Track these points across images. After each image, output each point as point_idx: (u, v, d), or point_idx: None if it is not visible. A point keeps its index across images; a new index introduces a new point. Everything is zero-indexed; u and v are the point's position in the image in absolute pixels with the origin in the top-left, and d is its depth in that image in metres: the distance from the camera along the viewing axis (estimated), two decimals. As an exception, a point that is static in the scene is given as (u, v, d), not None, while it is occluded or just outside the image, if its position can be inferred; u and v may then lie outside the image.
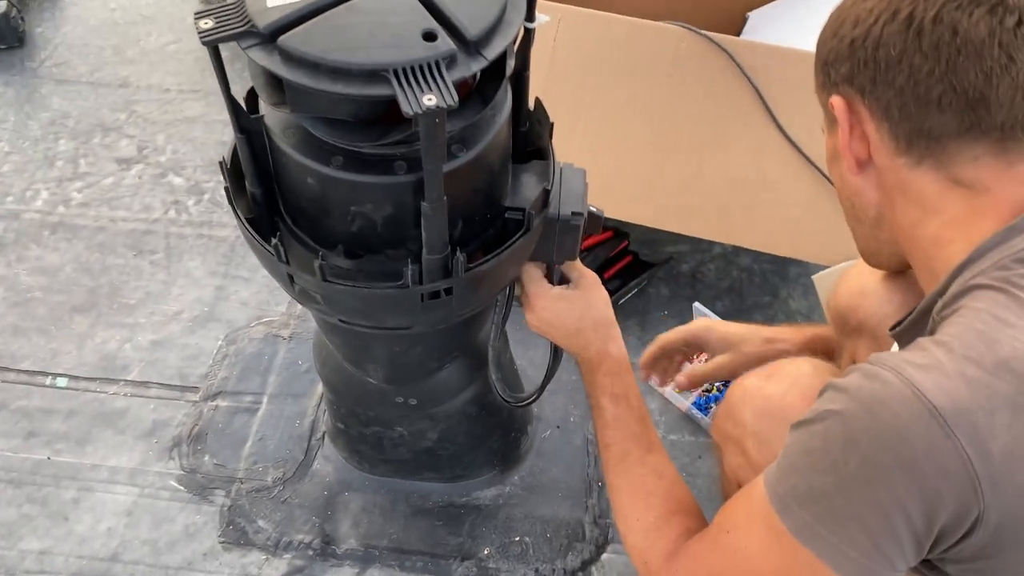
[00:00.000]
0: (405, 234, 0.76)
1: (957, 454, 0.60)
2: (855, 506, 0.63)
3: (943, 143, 0.67)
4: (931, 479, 0.60)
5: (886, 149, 0.70)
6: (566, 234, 0.87)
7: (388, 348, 0.93)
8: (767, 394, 0.86)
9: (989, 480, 0.60)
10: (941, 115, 0.66)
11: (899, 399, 0.61)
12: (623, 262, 1.45)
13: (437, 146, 0.65)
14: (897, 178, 0.71)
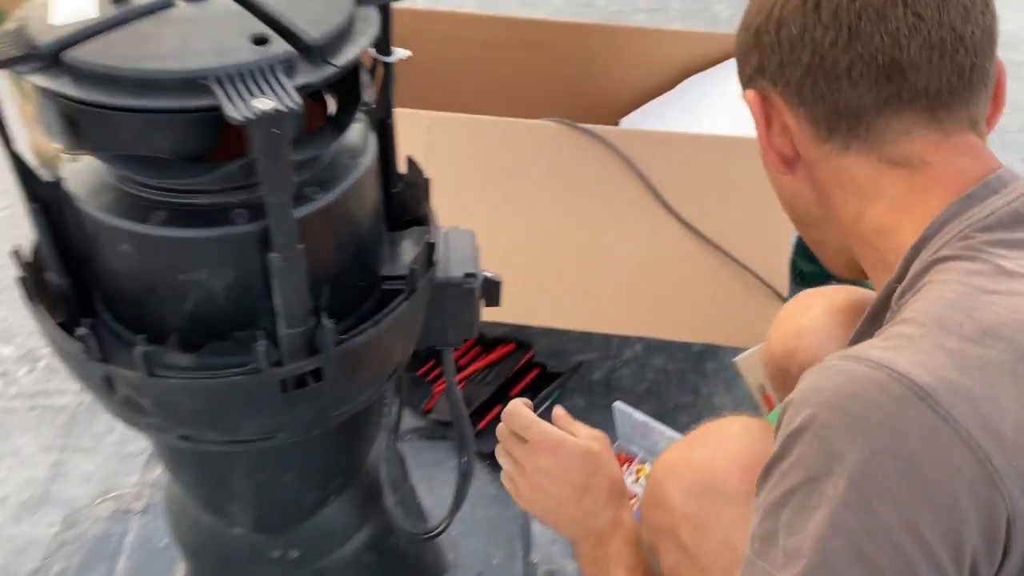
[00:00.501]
0: (255, 307, 0.60)
1: (962, 441, 0.47)
2: (860, 547, 0.48)
3: (865, 120, 0.60)
4: (940, 482, 0.47)
5: (809, 138, 0.63)
6: (460, 303, 0.73)
7: (252, 476, 0.74)
8: (693, 465, 0.71)
9: (1012, 472, 0.47)
10: (855, 89, 0.60)
11: (874, 387, 0.49)
12: (530, 376, 1.31)
13: (280, 167, 0.52)
14: (828, 169, 0.63)
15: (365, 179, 0.64)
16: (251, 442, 0.66)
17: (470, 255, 0.74)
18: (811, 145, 0.63)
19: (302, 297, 0.59)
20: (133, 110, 0.50)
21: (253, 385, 0.60)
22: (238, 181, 0.58)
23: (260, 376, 0.59)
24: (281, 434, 0.66)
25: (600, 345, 1.40)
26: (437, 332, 0.74)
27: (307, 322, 0.60)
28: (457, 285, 0.72)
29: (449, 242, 0.75)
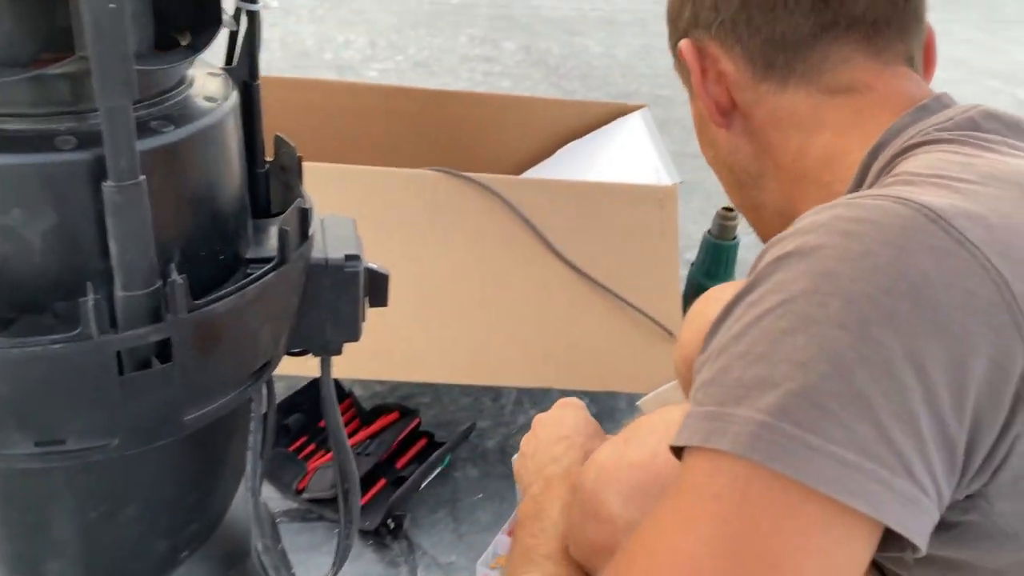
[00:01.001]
0: (83, 267, 0.49)
1: (979, 265, 0.41)
2: (850, 377, 0.40)
3: (803, 51, 0.59)
4: (951, 307, 0.41)
5: (746, 80, 0.62)
6: (341, 293, 0.63)
7: (79, 513, 0.58)
8: (632, 462, 0.62)
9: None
10: (791, 17, 0.59)
11: (879, 211, 0.44)
12: (417, 446, 1.19)
13: (118, 57, 0.42)
14: (767, 111, 0.61)
15: (223, 126, 0.54)
16: (77, 453, 0.52)
17: (351, 239, 0.65)
18: (748, 88, 0.62)
19: (144, 246, 0.47)
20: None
21: (79, 359, 0.47)
22: (65, 102, 0.48)
23: (89, 345, 0.47)
24: (118, 439, 0.52)
25: (492, 412, 1.30)
26: (315, 330, 0.63)
27: (151, 282, 0.49)
28: (337, 268, 0.62)
29: (327, 226, 0.65)
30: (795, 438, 0.41)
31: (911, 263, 0.42)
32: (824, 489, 0.40)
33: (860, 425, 0.41)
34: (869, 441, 0.41)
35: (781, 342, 0.42)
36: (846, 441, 0.41)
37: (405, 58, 2.90)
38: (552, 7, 3.77)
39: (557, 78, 2.86)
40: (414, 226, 1.17)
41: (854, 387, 0.41)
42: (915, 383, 0.41)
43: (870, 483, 0.41)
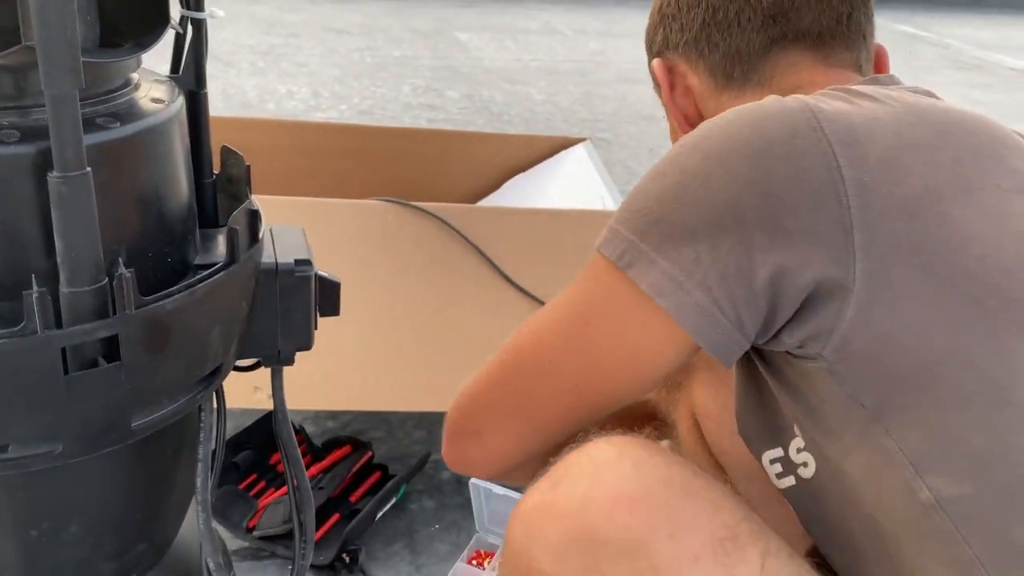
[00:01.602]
0: (27, 264, 0.48)
1: (822, 151, 0.51)
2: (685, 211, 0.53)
3: (756, 61, 0.67)
4: (783, 177, 0.51)
5: (709, 90, 0.70)
6: (292, 298, 0.62)
7: (22, 530, 0.56)
8: (560, 512, 0.56)
9: (858, 187, 0.50)
10: (744, 33, 0.67)
11: (775, 101, 0.55)
12: (371, 479, 1.16)
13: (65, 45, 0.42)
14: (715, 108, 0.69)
15: (168, 127, 0.54)
16: (19, 461, 0.50)
17: (302, 246, 0.65)
18: (711, 98, 0.69)
19: (90, 240, 0.47)
20: None
21: (23, 356, 0.46)
22: (8, 96, 0.48)
23: (32, 341, 0.46)
24: (62, 445, 0.50)
25: (446, 443, 1.28)
26: (266, 338, 0.63)
27: (98, 279, 0.48)
28: (288, 273, 0.61)
29: (276, 234, 0.65)
30: (645, 254, 0.54)
31: (764, 134, 0.52)
32: (647, 291, 0.54)
33: (686, 250, 0.53)
34: (687, 263, 0.53)
35: (656, 181, 0.56)
36: (673, 260, 0.53)
37: (349, 107, 2.92)
38: (493, 58, 3.85)
39: (501, 124, 2.91)
40: (364, 256, 1.17)
41: (689, 222, 0.53)
42: (732, 227, 0.52)
43: (679, 292, 0.53)
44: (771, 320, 0.53)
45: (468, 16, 4.77)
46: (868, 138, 0.51)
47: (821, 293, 0.51)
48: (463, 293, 1.17)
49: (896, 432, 0.51)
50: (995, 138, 0.54)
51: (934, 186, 0.51)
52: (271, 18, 4.18)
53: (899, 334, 0.50)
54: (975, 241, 0.50)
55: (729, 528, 0.53)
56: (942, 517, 0.50)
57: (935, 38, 5.61)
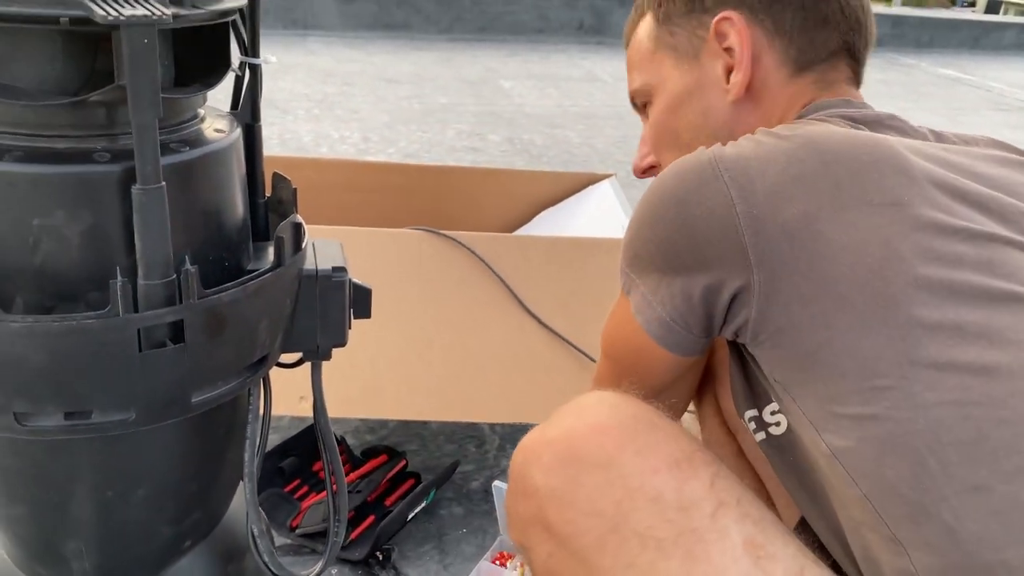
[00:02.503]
0: (112, 262, 0.58)
1: (722, 193, 0.64)
2: (645, 248, 0.70)
3: (825, 56, 0.79)
4: (697, 218, 0.65)
5: (772, 64, 0.79)
6: (330, 299, 0.72)
7: (98, 492, 0.66)
8: (550, 439, 0.70)
9: (749, 218, 0.62)
10: (828, 33, 0.79)
11: (693, 157, 0.67)
12: (405, 486, 1.25)
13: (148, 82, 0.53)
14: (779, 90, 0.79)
15: (228, 152, 0.65)
16: (100, 426, 0.60)
17: (339, 256, 0.75)
18: (771, 70, 0.79)
19: (163, 241, 0.57)
20: (0, 18, 0.51)
21: (107, 334, 0.56)
22: (102, 125, 0.59)
23: (115, 322, 0.56)
24: (135, 413, 0.60)
25: (476, 457, 1.37)
26: (306, 335, 0.72)
27: (168, 273, 0.58)
28: (326, 278, 0.71)
29: (318, 246, 0.75)
30: (633, 280, 0.73)
31: (683, 186, 0.67)
32: (632, 310, 0.73)
33: (651, 276, 0.70)
34: (653, 285, 0.71)
35: (631, 225, 0.72)
36: (646, 286, 0.71)
37: (396, 150, 3.07)
38: (535, 104, 3.99)
39: (539, 164, 3.03)
40: (400, 279, 1.27)
41: (650, 256, 0.70)
42: (673, 259, 0.68)
43: (648, 309, 0.72)
44: (710, 323, 0.69)
45: (513, 65, 4.95)
46: (759, 175, 0.63)
47: (737, 300, 0.65)
48: (487, 315, 1.27)
49: (799, 401, 0.64)
50: (879, 159, 0.63)
51: (811, 210, 0.62)
52: (327, 68, 4.39)
53: (789, 329, 0.62)
54: (845, 251, 0.61)
55: (685, 453, 0.66)
56: (838, 464, 0.62)
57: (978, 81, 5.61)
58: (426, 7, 5.67)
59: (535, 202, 1.66)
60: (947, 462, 0.57)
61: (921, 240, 0.60)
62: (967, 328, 0.59)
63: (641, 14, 0.89)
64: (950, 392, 0.58)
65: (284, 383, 0.82)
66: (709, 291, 0.66)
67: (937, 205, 0.62)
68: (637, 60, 0.89)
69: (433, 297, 1.27)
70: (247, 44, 0.71)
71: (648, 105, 0.90)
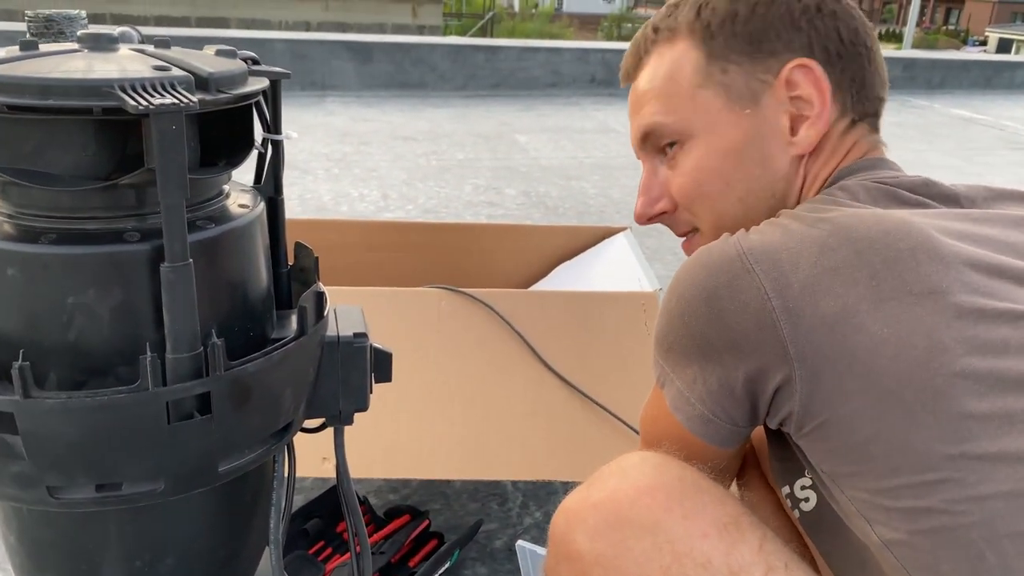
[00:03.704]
0: (142, 336, 0.60)
1: (755, 287, 0.62)
2: (679, 343, 0.69)
3: (872, 112, 0.81)
4: (731, 312, 0.64)
5: (834, 117, 0.79)
6: (352, 364, 0.74)
7: (128, 564, 0.67)
8: (594, 502, 0.69)
9: (786, 312, 0.61)
10: (876, 90, 0.81)
11: (719, 248, 0.66)
12: (428, 546, 1.25)
13: (176, 166, 0.55)
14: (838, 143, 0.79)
15: (252, 227, 0.67)
16: (130, 497, 0.62)
17: (360, 322, 0.77)
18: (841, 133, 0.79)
19: (191, 316, 0.59)
20: (35, 110, 0.54)
21: (137, 408, 0.58)
22: (131, 206, 0.61)
23: (145, 396, 0.58)
24: (164, 484, 0.62)
25: (499, 515, 1.37)
26: (329, 400, 0.74)
27: (195, 347, 0.60)
28: (347, 344, 0.73)
29: (338, 312, 0.77)
30: (668, 375, 0.72)
31: (714, 282, 0.65)
32: (669, 407, 0.73)
33: (687, 371, 0.69)
34: (689, 381, 0.70)
35: (662, 316, 0.71)
36: (682, 380, 0.70)
37: (415, 207, 3.12)
38: (550, 157, 4.05)
39: (556, 216, 3.06)
40: (420, 338, 1.29)
41: (685, 350, 0.69)
42: (709, 354, 0.67)
43: (686, 407, 0.71)
44: (755, 414, 0.69)
45: (527, 119, 5.02)
46: (792, 269, 0.62)
47: (780, 392, 0.65)
48: (507, 371, 1.28)
49: (848, 493, 0.63)
50: (914, 246, 0.62)
51: (851, 303, 0.61)
52: (344, 128, 4.49)
53: (835, 422, 0.62)
54: (887, 344, 0.60)
55: (732, 516, 0.66)
56: (891, 555, 0.61)
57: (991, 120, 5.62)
58: (440, 65, 5.80)
59: (551, 256, 1.68)
60: (1005, 554, 0.56)
61: (964, 329, 0.59)
62: (1017, 416, 0.58)
63: (665, 40, 0.81)
64: (1004, 483, 0.57)
65: (306, 444, 0.83)
66: (751, 381, 0.65)
67: (976, 289, 0.61)
68: (666, 94, 0.80)
69: (453, 355, 1.28)
70: (269, 122, 0.74)
71: (673, 147, 0.81)
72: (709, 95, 0.78)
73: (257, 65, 0.72)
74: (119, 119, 0.57)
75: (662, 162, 0.84)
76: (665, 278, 2.39)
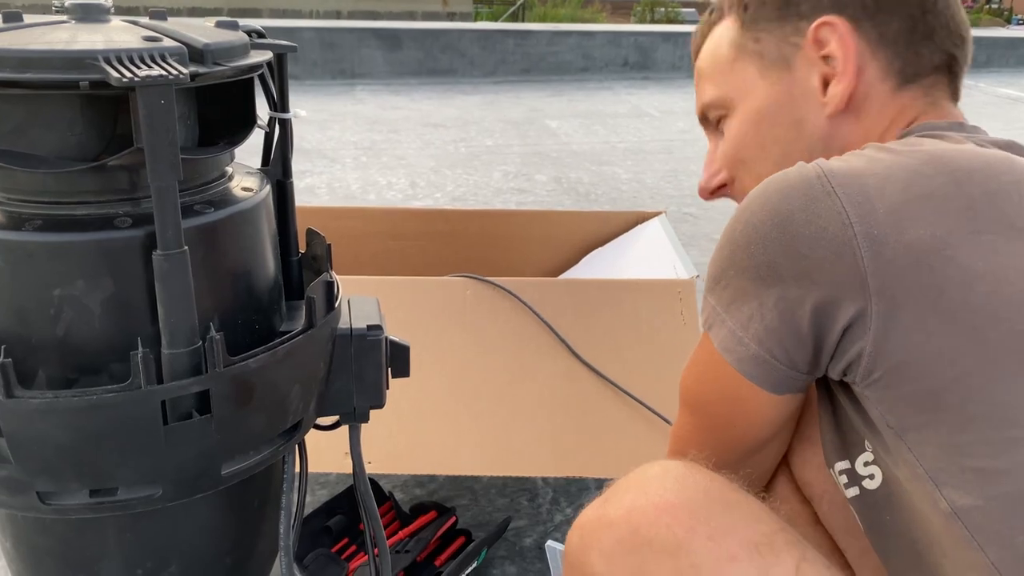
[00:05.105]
0: (135, 330, 0.56)
1: (835, 211, 0.57)
2: (739, 275, 0.62)
3: (930, 70, 0.72)
4: (805, 238, 0.58)
5: (875, 76, 0.72)
6: (366, 358, 0.69)
7: (129, 572, 0.63)
8: (611, 520, 0.63)
9: (868, 239, 0.55)
10: (934, 46, 0.72)
11: (796, 170, 0.60)
12: (455, 544, 1.20)
13: (166, 144, 0.50)
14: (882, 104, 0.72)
15: (256, 211, 0.63)
16: (127, 503, 0.57)
17: (375, 313, 0.72)
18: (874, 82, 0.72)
19: (187, 308, 0.55)
20: (14, 84, 0.50)
21: (129, 408, 0.54)
22: (123, 190, 0.57)
23: (137, 395, 0.53)
24: (162, 489, 0.57)
25: (529, 511, 1.32)
26: (343, 397, 0.69)
27: (193, 341, 0.55)
28: (360, 337, 0.68)
29: (353, 304, 0.72)
30: (719, 315, 0.65)
31: (787, 204, 0.59)
32: (718, 347, 0.65)
33: (743, 307, 0.62)
34: (744, 319, 0.62)
35: (719, 250, 0.64)
36: (736, 319, 0.63)
37: (443, 194, 3.07)
38: (581, 142, 3.97)
39: (588, 203, 2.99)
40: (446, 328, 1.24)
41: (741, 284, 0.62)
42: (774, 285, 0.60)
43: (739, 347, 0.63)
44: (818, 356, 0.62)
45: (558, 104, 4.95)
46: (878, 194, 0.56)
47: (850, 331, 0.58)
48: (535, 363, 1.22)
49: (916, 450, 0.56)
50: (1019, 179, 0.57)
51: (941, 232, 0.55)
52: (373, 116, 4.45)
53: (910, 364, 0.55)
54: (981, 279, 0.54)
55: (766, 535, 0.59)
56: (960, 526, 0.54)
57: (1041, 99, 5.43)
58: (470, 51, 5.74)
59: (582, 243, 1.62)
60: None
61: None
62: None
63: (717, 19, 0.82)
64: None
65: (329, 439, 0.78)
66: (820, 315, 0.58)
67: None
68: (712, 70, 0.81)
69: (479, 346, 1.23)
70: (276, 99, 0.69)
71: (723, 120, 0.81)
72: (744, 65, 0.78)
73: (263, 39, 0.67)
74: (107, 94, 0.53)
75: (720, 134, 0.84)
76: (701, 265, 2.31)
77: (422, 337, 1.24)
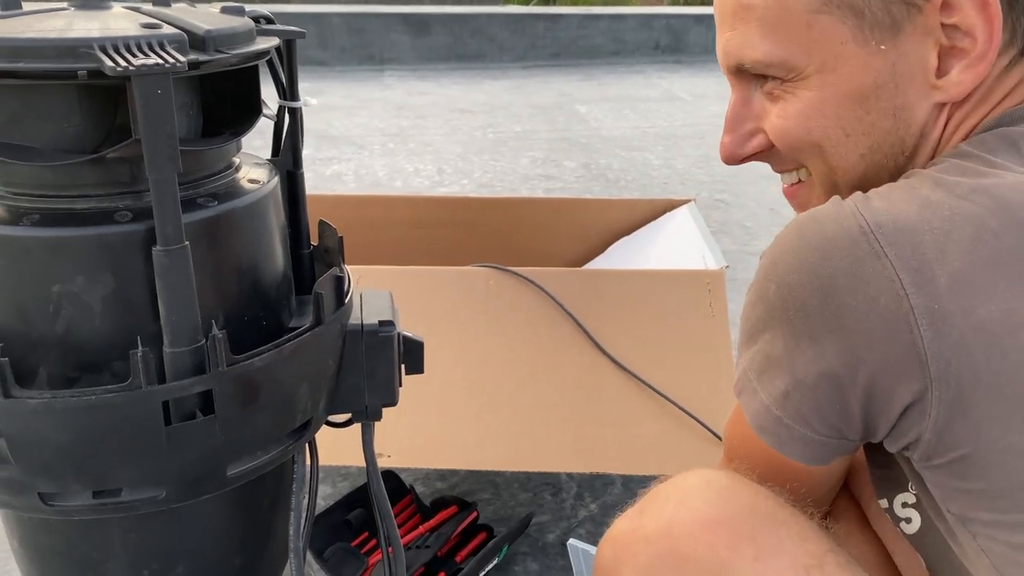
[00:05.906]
0: (136, 328, 0.54)
1: (887, 278, 0.47)
2: (773, 342, 0.54)
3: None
4: (852, 309, 0.49)
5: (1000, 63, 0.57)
6: (378, 355, 0.67)
7: (133, 573, 0.61)
8: (647, 534, 0.60)
9: (929, 315, 0.46)
10: None
11: (833, 216, 0.50)
12: (477, 539, 1.18)
13: (164, 135, 0.48)
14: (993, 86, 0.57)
15: (263, 204, 0.60)
16: (130, 504, 0.56)
17: (387, 308, 0.69)
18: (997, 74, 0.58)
19: (189, 305, 0.53)
20: (8, 74, 0.48)
21: (129, 408, 0.52)
22: (123, 183, 0.55)
23: (137, 395, 0.52)
24: (166, 490, 0.56)
25: (552, 506, 1.29)
26: (354, 394, 0.67)
27: (195, 340, 0.54)
28: (372, 333, 0.66)
29: (365, 298, 0.70)
30: (750, 382, 0.58)
31: (828, 267, 0.50)
32: (751, 424, 0.58)
33: (778, 381, 0.55)
34: (779, 395, 0.56)
35: (750, 308, 0.57)
36: (768, 393, 0.56)
37: (470, 181, 3.04)
38: (611, 127, 3.92)
39: (617, 190, 2.95)
40: (467, 319, 1.22)
41: (777, 356, 0.54)
42: (816, 363, 0.52)
43: (779, 428, 0.57)
44: (871, 431, 0.55)
45: (588, 89, 4.89)
46: (938, 257, 0.48)
47: (908, 413, 0.51)
48: (559, 356, 1.20)
49: (983, 542, 0.51)
50: None
51: (1016, 307, 0.47)
52: (400, 102, 4.43)
53: (980, 459, 0.49)
54: None
55: (815, 557, 0.55)
56: None
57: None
58: (499, 36, 5.69)
59: (608, 232, 1.59)
60: None
61: None
62: None
63: None
64: None
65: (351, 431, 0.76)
66: (871, 396, 0.51)
67: None
68: (778, 19, 0.59)
69: (501, 338, 1.21)
70: (285, 87, 0.67)
71: (776, 81, 0.62)
72: (831, 22, 0.57)
73: (271, 24, 0.65)
74: (106, 84, 0.51)
75: (758, 88, 0.64)
76: (733, 254, 2.27)
77: (443, 328, 1.22)
